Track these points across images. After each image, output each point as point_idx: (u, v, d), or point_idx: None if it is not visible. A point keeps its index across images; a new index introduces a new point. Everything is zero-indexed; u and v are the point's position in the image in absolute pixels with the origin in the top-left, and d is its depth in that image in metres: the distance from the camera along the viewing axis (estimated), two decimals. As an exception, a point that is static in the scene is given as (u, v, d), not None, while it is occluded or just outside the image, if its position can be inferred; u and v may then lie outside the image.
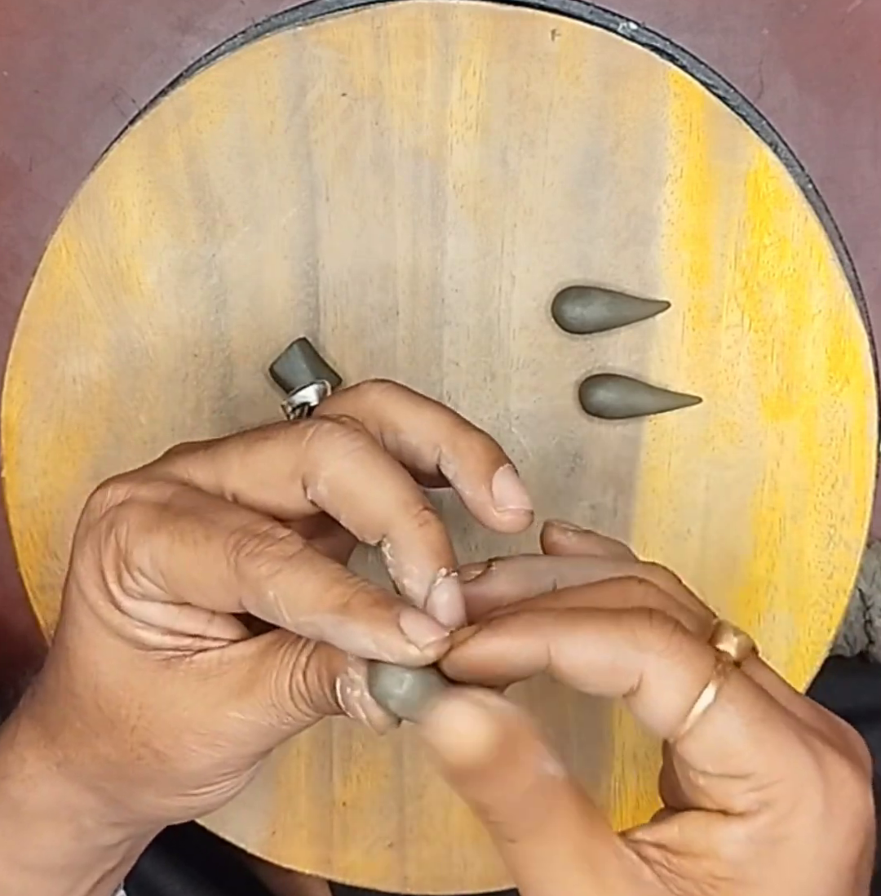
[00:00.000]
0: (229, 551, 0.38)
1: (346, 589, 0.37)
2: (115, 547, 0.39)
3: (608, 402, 0.53)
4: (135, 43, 0.55)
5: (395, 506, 0.38)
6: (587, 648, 0.36)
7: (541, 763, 0.36)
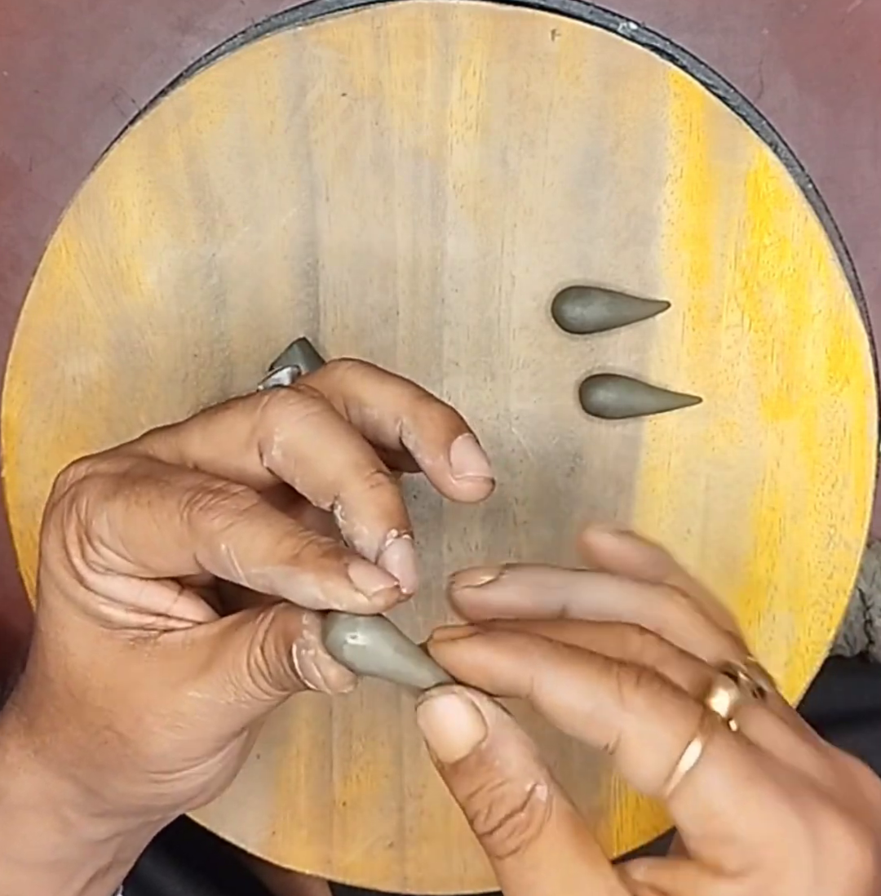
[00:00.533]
0: (182, 507, 0.38)
1: (297, 541, 0.37)
2: (76, 521, 0.39)
3: (608, 402, 0.53)
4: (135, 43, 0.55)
5: (347, 467, 0.38)
6: (569, 692, 0.36)
7: (530, 782, 0.36)
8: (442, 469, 0.40)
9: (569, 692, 0.36)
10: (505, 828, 0.36)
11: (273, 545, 0.37)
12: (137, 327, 0.53)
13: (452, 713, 0.36)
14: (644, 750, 0.35)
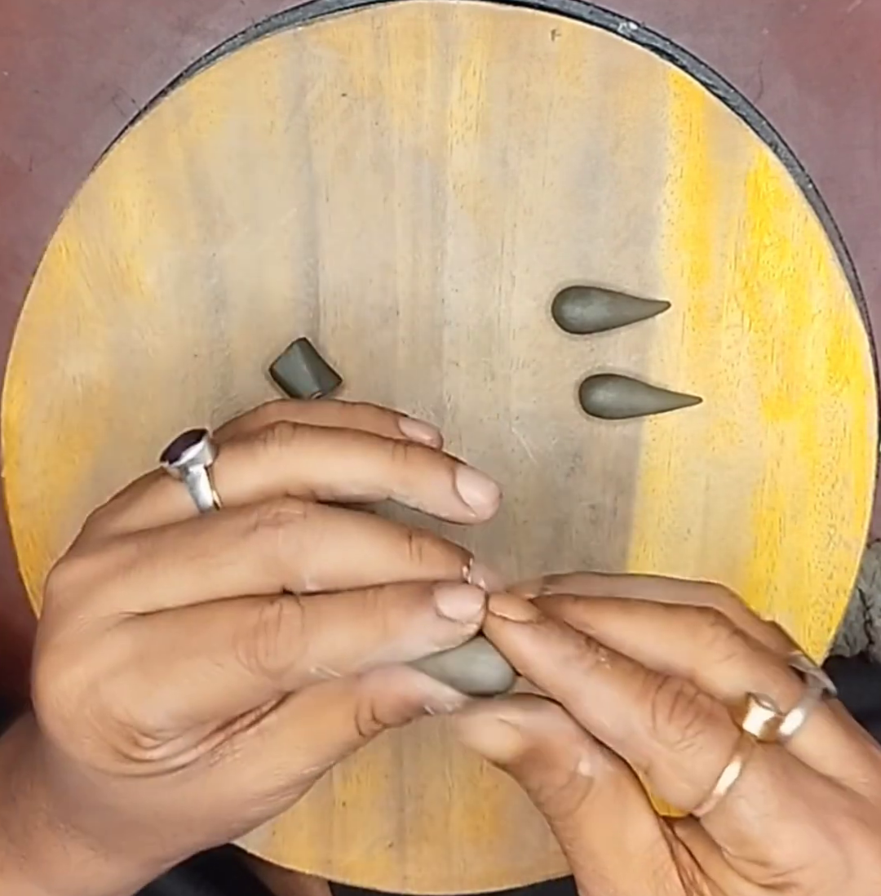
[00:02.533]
0: (246, 662, 0.36)
1: (374, 618, 0.37)
2: (117, 727, 0.38)
3: (608, 402, 0.53)
4: (135, 43, 0.55)
5: (389, 562, 0.37)
6: (604, 715, 0.37)
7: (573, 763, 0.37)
8: (460, 513, 0.40)
9: (604, 716, 0.37)
10: (553, 801, 0.38)
11: (356, 639, 0.36)
12: (137, 327, 0.53)
13: (485, 730, 0.38)
14: (675, 779, 0.36)
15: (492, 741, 0.38)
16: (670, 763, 0.36)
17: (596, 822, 0.38)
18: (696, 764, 0.36)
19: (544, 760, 0.38)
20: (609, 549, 0.55)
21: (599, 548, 0.55)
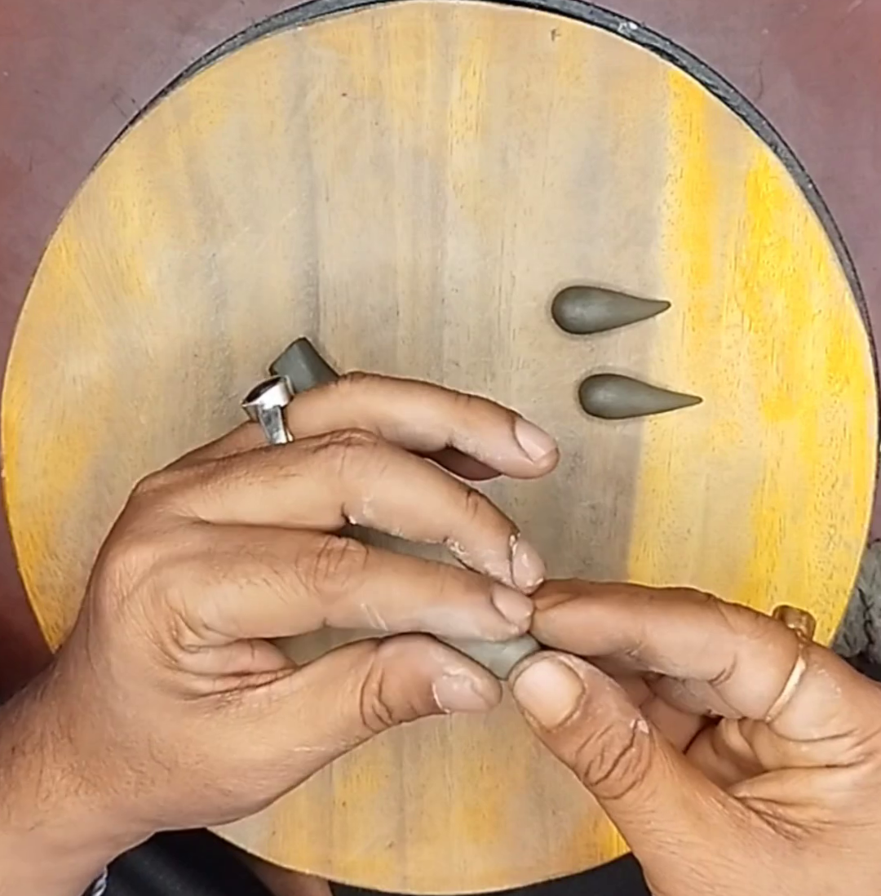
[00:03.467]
0: (304, 579, 0.38)
1: (433, 578, 0.38)
2: (167, 611, 0.39)
3: (608, 402, 0.53)
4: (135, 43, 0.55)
5: (446, 506, 0.39)
6: (682, 630, 0.38)
7: (632, 720, 0.39)
8: (516, 459, 0.41)
9: (682, 631, 0.39)
10: (620, 766, 0.38)
11: (413, 589, 0.38)
12: (137, 327, 0.53)
13: (549, 677, 0.39)
14: (759, 667, 0.38)
15: (554, 687, 0.38)
16: (754, 652, 0.38)
17: (670, 786, 0.38)
18: (777, 647, 0.38)
19: (603, 717, 0.38)
20: (609, 549, 0.55)
21: (599, 548, 0.55)
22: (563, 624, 0.39)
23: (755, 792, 0.40)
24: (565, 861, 0.56)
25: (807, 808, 0.39)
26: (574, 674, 0.38)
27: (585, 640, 0.39)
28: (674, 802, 0.38)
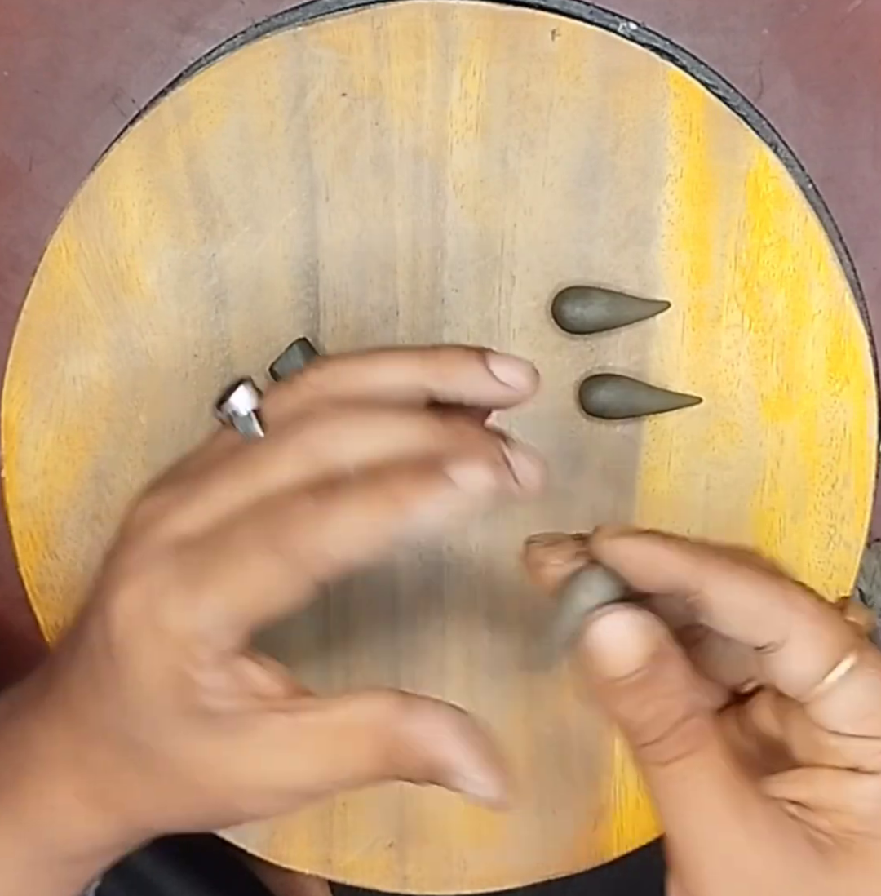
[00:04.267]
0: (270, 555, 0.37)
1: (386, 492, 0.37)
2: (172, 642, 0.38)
3: (608, 402, 0.53)
4: (135, 43, 0.55)
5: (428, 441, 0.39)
6: (742, 593, 0.38)
7: (696, 696, 0.38)
8: (500, 393, 0.41)
9: (742, 593, 0.38)
10: (676, 733, 0.38)
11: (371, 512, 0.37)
12: (137, 327, 0.53)
13: (627, 627, 0.38)
14: (809, 648, 0.38)
15: (628, 639, 0.38)
16: (807, 633, 0.38)
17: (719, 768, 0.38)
18: (831, 635, 0.38)
19: (669, 681, 0.38)
20: (609, 549, 0.55)
21: (599, 548, 0.55)
22: (627, 553, 0.39)
23: (785, 792, 0.39)
24: (565, 861, 0.56)
25: (834, 815, 0.38)
26: (650, 632, 0.38)
27: (645, 575, 0.39)
28: (721, 782, 0.38)
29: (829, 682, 0.38)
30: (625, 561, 0.39)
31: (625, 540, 0.39)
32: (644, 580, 0.39)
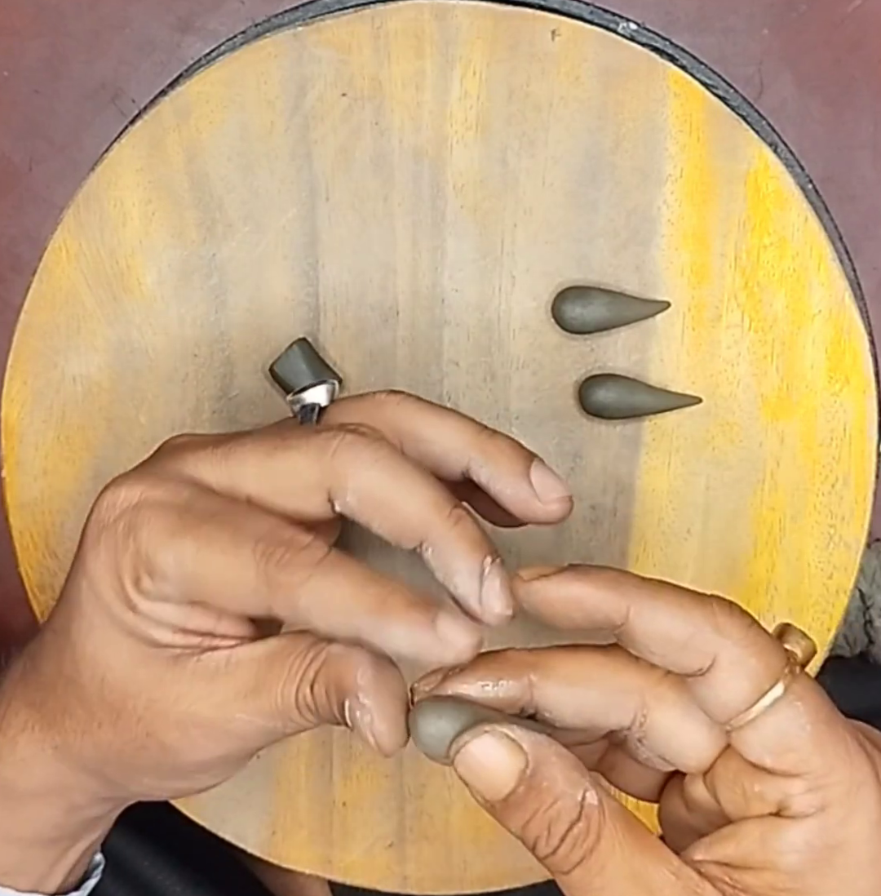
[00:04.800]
0: (258, 559, 0.38)
1: (379, 590, 0.37)
2: (134, 550, 0.39)
3: (608, 402, 0.53)
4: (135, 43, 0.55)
5: (428, 510, 0.39)
6: (667, 620, 0.37)
7: (579, 792, 0.37)
8: (526, 497, 0.41)
9: (666, 620, 0.37)
10: (567, 842, 0.37)
11: (356, 595, 0.37)
12: (137, 327, 0.53)
13: (490, 751, 0.37)
14: (734, 677, 0.37)
15: (496, 762, 0.37)
16: (734, 659, 0.37)
17: (619, 860, 0.37)
18: (759, 662, 0.37)
19: (549, 791, 0.37)
20: (609, 549, 0.55)
21: (599, 548, 0.55)
22: (545, 597, 0.38)
23: (712, 854, 0.38)
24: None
25: (761, 872, 0.37)
26: (517, 746, 0.37)
27: (565, 616, 0.38)
28: (623, 878, 0.37)
29: (755, 710, 0.37)
30: (543, 605, 0.38)
31: (542, 584, 0.38)
32: (567, 620, 0.38)
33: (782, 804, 0.37)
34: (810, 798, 0.37)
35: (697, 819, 0.41)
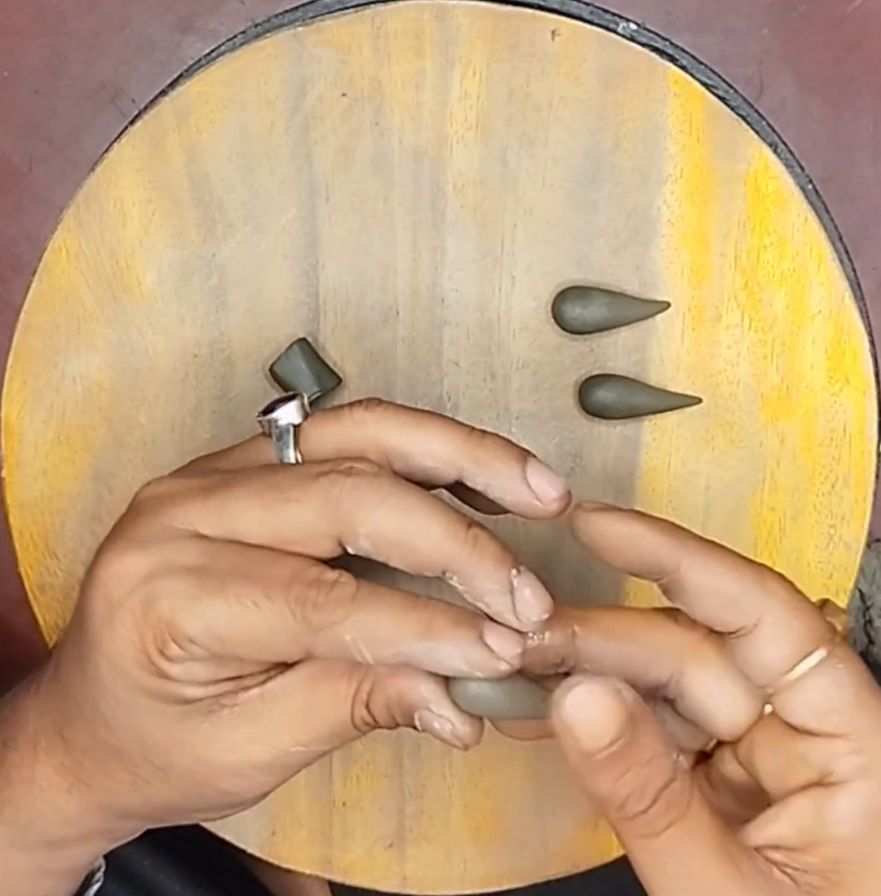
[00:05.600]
0: (293, 606, 0.37)
1: (422, 613, 0.38)
2: (155, 623, 0.38)
3: (608, 402, 0.53)
4: (135, 43, 0.55)
5: (444, 540, 0.38)
6: (719, 575, 0.38)
7: (674, 753, 0.37)
8: (526, 500, 0.40)
9: (718, 575, 0.38)
10: (660, 802, 0.36)
11: (400, 624, 0.37)
12: (137, 327, 0.53)
13: (597, 699, 0.36)
14: (778, 638, 0.38)
15: (602, 710, 0.36)
16: (780, 621, 0.38)
17: (709, 825, 0.36)
18: (803, 625, 0.38)
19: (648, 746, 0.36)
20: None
21: (599, 548, 0.55)
22: (603, 529, 0.38)
23: (767, 837, 0.38)
24: (565, 861, 0.56)
25: (820, 847, 0.37)
26: (622, 698, 0.36)
27: (620, 553, 0.38)
28: (712, 846, 0.36)
29: (798, 672, 0.38)
30: (600, 537, 0.39)
31: (603, 516, 0.39)
32: (620, 557, 0.39)
33: (826, 768, 0.38)
34: (854, 759, 0.37)
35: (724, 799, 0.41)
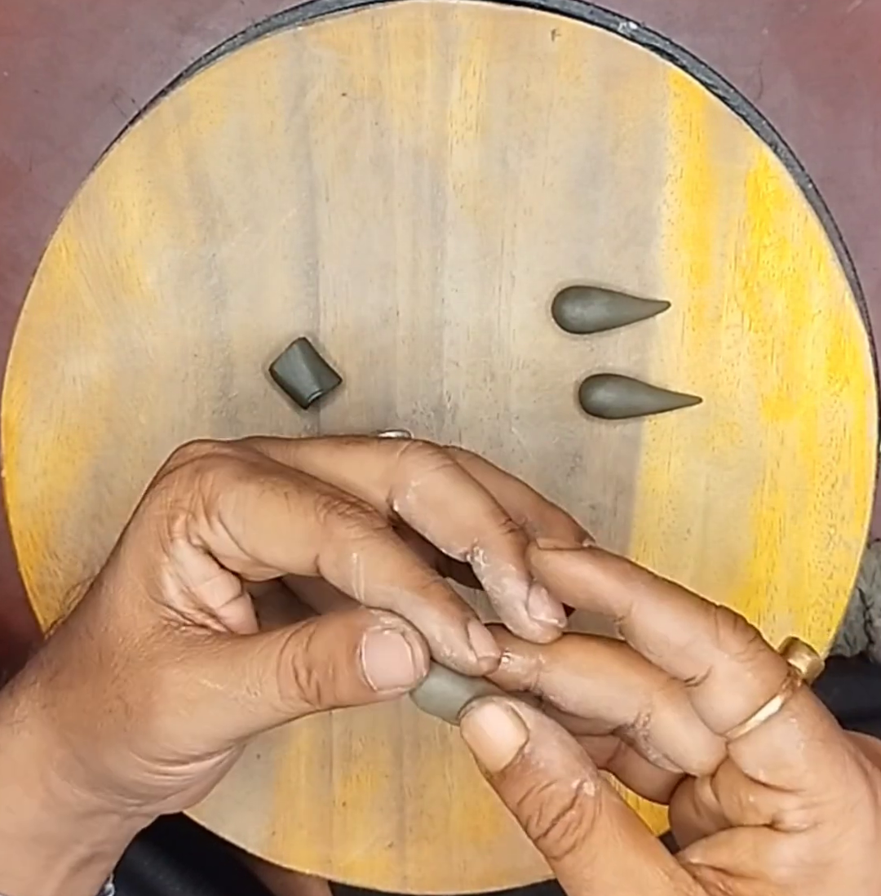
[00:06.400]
0: (320, 507, 0.39)
1: (425, 574, 0.38)
2: (197, 490, 0.40)
3: (608, 402, 0.53)
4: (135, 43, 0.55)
5: (485, 514, 0.40)
6: (668, 622, 0.37)
7: (576, 780, 0.37)
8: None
9: (667, 622, 0.37)
10: (558, 827, 0.37)
11: (403, 569, 0.38)
12: (137, 327, 0.53)
13: (494, 721, 0.38)
14: (730, 690, 0.37)
15: (498, 733, 0.38)
16: (730, 673, 0.37)
17: (611, 854, 0.37)
18: (756, 678, 0.37)
19: (544, 772, 0.37)
20: (609, 548, 0.54)
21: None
22: (555, 569, 0.38)
23: (708, 858, 0.38)
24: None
25: (753, 882, 0.37)
26: (521, 722, 0.37)
27: (570, 593, 0.38)
28: (614, 873, 0.36)
29: (750, 724, 0.37)
30: (551, 578, 0.39)
31: (555, 556, 0.38)
32: (571, 598, 0.39)
33: (775, 817, 0.37)
34: (803, 814, 0.37)
35: (705, 822, 0.41)
